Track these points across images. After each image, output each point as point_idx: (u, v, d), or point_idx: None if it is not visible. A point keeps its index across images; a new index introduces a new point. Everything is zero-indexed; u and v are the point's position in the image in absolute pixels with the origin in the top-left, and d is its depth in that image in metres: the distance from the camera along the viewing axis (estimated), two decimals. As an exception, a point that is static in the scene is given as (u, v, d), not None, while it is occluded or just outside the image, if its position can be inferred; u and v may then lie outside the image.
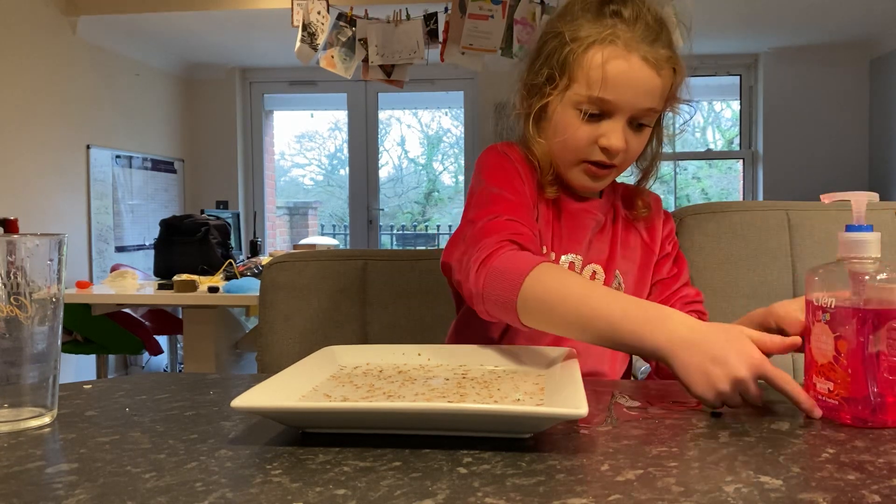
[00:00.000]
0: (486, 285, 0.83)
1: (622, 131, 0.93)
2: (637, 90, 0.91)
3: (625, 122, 0.93)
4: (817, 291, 0.64)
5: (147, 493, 0.46)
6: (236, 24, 4.35)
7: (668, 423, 0.62)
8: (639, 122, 0.94)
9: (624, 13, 0.92)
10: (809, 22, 4.39)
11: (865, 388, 0.61)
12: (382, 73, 3.41)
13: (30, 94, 3.80)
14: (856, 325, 0.61)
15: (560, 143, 0.96)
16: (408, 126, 7.57)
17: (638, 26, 0.91)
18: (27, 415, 0.62)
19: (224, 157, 5.37)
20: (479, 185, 0.96)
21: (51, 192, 3.96)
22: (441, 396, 0.66)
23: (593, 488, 0.47)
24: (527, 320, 0.81)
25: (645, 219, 1.06)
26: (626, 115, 0.92)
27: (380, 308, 1.29)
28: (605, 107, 0.92)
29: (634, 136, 0.95)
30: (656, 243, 1.05)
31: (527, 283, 0.79)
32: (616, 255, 1.02)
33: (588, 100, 0.92)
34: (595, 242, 1.02)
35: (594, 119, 0.93)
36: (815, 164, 4.86)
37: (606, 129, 0.93)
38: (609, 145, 0.92)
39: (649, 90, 0.92)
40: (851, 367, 0.62)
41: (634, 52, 0.90)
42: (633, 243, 1.04)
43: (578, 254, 1.00)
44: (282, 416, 0.60)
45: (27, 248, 0.62)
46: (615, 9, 0.92)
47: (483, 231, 0.88)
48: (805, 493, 0.46)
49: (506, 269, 0.82)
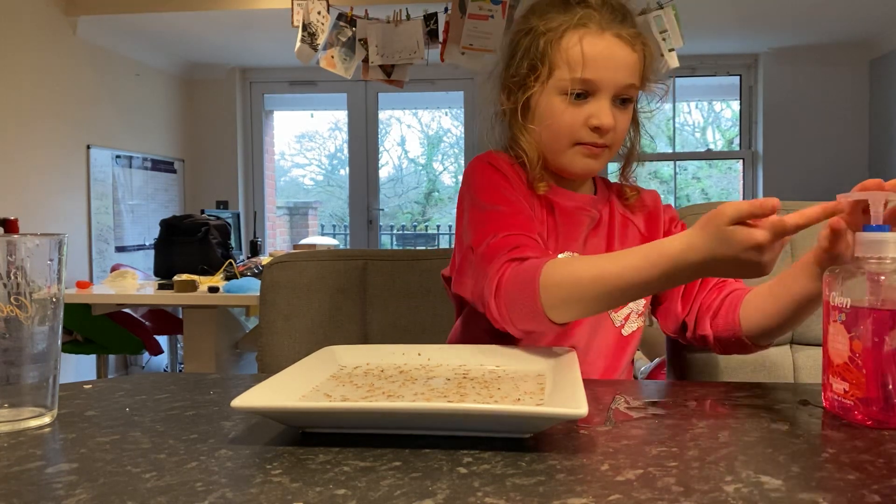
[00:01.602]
0: (507, 310, 0.84)
1: (609, 109, 0.95)
2: (617, 66, 0.94)
3: (610, 99, 0.95)
4: (833, 291, 0.64)
5: (147, 493, 0.46)
6: (236, 24, 4.35)
7: (668, 423, 0.62)
8: (622, 97, 0.97)
9: (590, 1, 0.96)
10: (809, 22, 4.39)
11: (880, 388, 0.61)
12: (382, 73, 3.41)
13: (30, 93, 3.80)
14: (871, 325, 0.60)
15: (550, 131, 0.97)
16: (408, 126, 7.57)
17: (605, 9, 0.96)
18: (27, 415, 0.62)
19: (224, 157, 5.37)
20: (471, 204, 0.97)
21: (51, 192, 3.96)
22: (441, 396, 0.66)
23: (593, 488, 0.47)
24: (558, 317, 0.82)
25: (642, 212, 1.06)
26: (610, 93, 0.95)
27: (380, 308, 1.29)
28: (589, 87, 0.95)
29: (621, 114, 0.97)
30: (657, 235, 1.05)
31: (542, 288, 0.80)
32: (613, 250, 1.02)
33: (572, 82, 0.94)
34: (591, 239, 1.02)
35: (580, 101, 0.95)
36: (815, 164, 4.86)
37: (594, 109, 0.95)
38: (600, 123, 0.94)
39: (628, 65, 0.95)
40: (866, 368, 0.61)
41: (607, 30, 0.95)
42: (630, 237, 1.04)
43: (574, 251, 1.00)
44: (282, 416, 0.60)
45: (27, 248, 0.62)
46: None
47: (484, 258, 0.89)
48: (805, 493, 0.46)
49: (516, 287, 0.83)
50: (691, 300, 0.98)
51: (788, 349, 1.18)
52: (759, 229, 0.68)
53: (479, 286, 0.89)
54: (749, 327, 0.89)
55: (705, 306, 0.96)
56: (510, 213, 0.93)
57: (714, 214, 0.71)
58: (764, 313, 0.88)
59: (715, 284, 0.97)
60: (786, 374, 1.17)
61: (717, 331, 0.93)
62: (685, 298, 0.98)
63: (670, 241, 0.76)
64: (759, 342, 0.91)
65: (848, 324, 0.62)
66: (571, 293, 0.80)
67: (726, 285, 0.96)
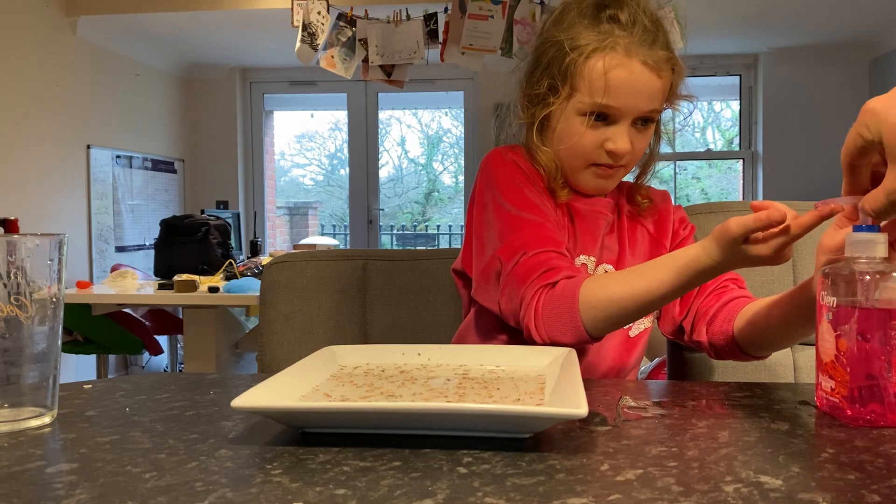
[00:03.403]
0: (546, 333, 0.87)
1: (627, 134, 0.94)
2: (640, 95, 0.93)
3: (629, 124, 0.94)
4: (823, 291, 0.65)
5: (147, 493, 0.46)
6: (236, 24, 4.35)
7: (668, 423, 0.62)
8: (642, 121, 0.96)
9: (621, 18, 0.93)
10: (809, 22, 4.39)
11: (863, 386, 0.61)
12: (382, 73, 3.41)
13: (30, 93, 3.80)
14: (855, 324, 0.62)
15: (566, 150, 0.97)
16: (408, 126, 7.57)
17: (636, 30, 0.92)
18: (27, 415, 0.62)
19: (224, 157, 5.37)
20: (495, 203, 0.97)
21: (51, 192, 3.96)
22: (441, 396, 0.66)
23: (593, 488, 0.47)
24: (598, 333, 0.87)
25: (651, 214, 1.06)
26: (630, 119, 0.94)
27: (380, 308, 1.29)
28: (610, 112, 0.93)
29: (638, 136, 0.96)
30: (666, 237, 1.05)
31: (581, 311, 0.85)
32: (626, 252, 1.03)
33: (592, 106, 0.93)
34: (606, 242, 1.02)
35: (599, 123, 0.94)
36: (815, 164, 4.87)
37: (611, 134, 0.94)
38: (615, 149, 0.94)
39: (651, 92, 0.93)
40: (850, 366, 0.62)
41: (635, 56, 0.91)
42: (640, 239, 1.05)
43: (592, 255, 1.01)
44: (282, 416, 0.60)
45: (27, 248, 0.62)
46: (612, 13, 0.93)
47: (516, 278, 0.90)
48: (805, 493, 0.46)
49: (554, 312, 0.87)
50: (689, 304, 0.98)
51: (788, 349, 1.18)
52: (764, 245, 0.75)
53: (511, 306, 0.91)
54: (743, 338, 0.91)
55: (702, 311, 0.96)
56: (538, 224, 0.93)
57: (724, 230, 0.77)
58: (757, 328, 0.89)
59: (713, 290, 0.97)
60: (786, 374, 1.17)
61: (712, 337, 0.94)
62: (683, 302, 0.99)
63: (696, 255, 0.80)
64: (752, 353, 0.92)
65: (834, 322, 0.63)
66: (610, 314, 0.85)
67: (726, 292, 0.96)
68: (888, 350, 0.61)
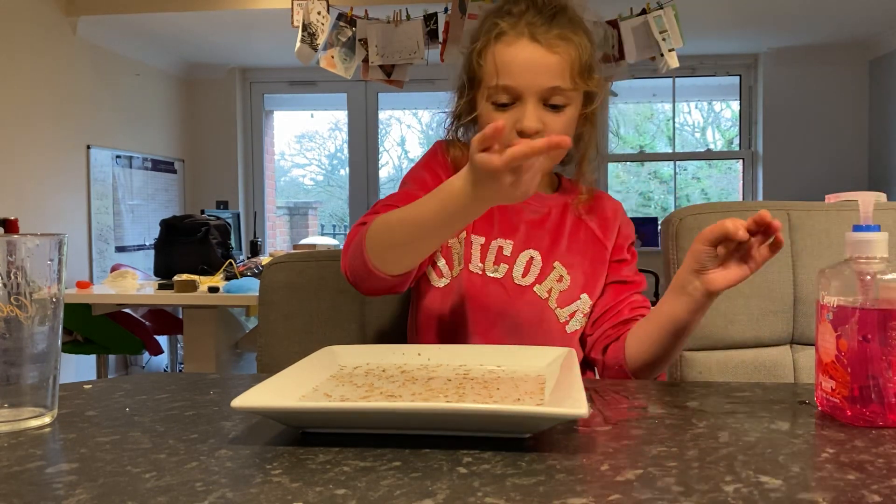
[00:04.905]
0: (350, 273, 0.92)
1: (534, 112, 0.96)
2: (533, 70, 0.96)
3: (536, 103, 0.97)
4: (823, 290, 0.65)
5: (147, 493, 0.46)
6: (236, 24, 4.35)
7: (668, 423, 0.62)
8: (551, 102, 0.98)
9: (514, 10, 0.99)
10: (809, 22, 4.39)
11: (864, 387, 0.61)
12: (382, 74, 3.41)
13: (30, 94, 3.80)
14: (856, 324, 0.61)
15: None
16: (408, 126, 7.56)
17: (528, 14, 0.98)
18: (27, 415, 0.62)
19: (224, 157, 5.37)
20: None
21: (51, 192, 3.96)
22: (440, 396, 0.66)
23: (593, 488, 0.47)
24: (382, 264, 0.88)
25: (598, 216, 1.09)
26: (533, 97, 0.96)
27: (380, 308, 1.29)
28: (512, 93, 0.97)
29: (553, 117, 0.98)
30: (609, 240, 1.08)
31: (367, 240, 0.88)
32: (560, 245, 1.05)
33: (495, 90, 0.97)
34: (532, 229, 1.05)
35: (508, 108, 0.98)
36: (815, 164, 4.87)
37: (519, 114, 0.97)
38: (522, 127, 0.96)
39: (546, 68, 0.96)
40: (851, 367, 0.62)
41: (523, 35, 0.97)
42: (582, 237, 1.07)
43: (510, 239, 1.04)
44: (282, 416, 0.60)
45: (27, 248, 0.62)
46: (507, 8, 1.00)
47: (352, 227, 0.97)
48: (805, 493, 0.46)
49: (352, 247, 0.91)
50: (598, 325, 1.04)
51: (788, 349, 1.18)
52: (496, 156, 0.71)
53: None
54: (631, 356, 0.95)
55: (605, 336, 1.02)
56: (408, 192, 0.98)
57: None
58: (640, 339, 0.94)
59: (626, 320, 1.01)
60: (786, 374, 1.17)
61: (606, 359, 1.00)
62: (595, 322, 1.04)
63: (453, 178, 0.79)
64: (639, 375, 0.96)
65: (835, 322, 0.63)
66: (384, 238, 0.87)
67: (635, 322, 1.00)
68: (889, 350, 0.61)
